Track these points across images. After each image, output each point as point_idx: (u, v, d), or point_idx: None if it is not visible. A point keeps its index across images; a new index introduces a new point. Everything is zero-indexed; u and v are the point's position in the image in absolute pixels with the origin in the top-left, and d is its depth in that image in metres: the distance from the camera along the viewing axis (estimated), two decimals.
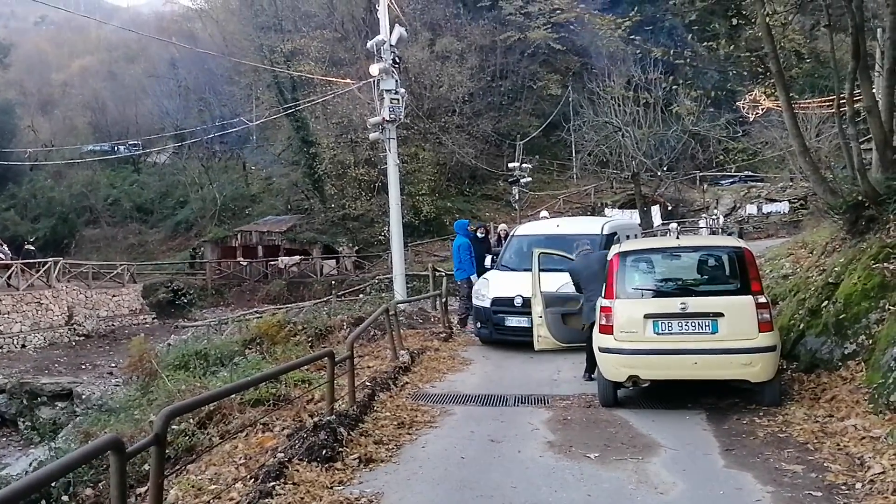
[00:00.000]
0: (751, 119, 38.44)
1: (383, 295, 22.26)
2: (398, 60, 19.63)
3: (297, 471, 6.10)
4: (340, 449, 6.76)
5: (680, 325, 7.87)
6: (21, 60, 66.52)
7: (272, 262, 40.52)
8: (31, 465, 12.46)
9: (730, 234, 27.32)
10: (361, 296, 26.52)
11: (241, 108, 47.74)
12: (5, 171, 45.66)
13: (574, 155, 47.86)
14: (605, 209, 40.98)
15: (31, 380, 22.11)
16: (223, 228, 45.34)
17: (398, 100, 19.15)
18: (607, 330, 8.18)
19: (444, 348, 12.69)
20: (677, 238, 9.10)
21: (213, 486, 6.17)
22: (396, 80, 19.25)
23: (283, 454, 6.51)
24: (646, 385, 8.23)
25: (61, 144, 50.63)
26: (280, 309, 23.18)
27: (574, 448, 6.90)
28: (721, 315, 7.76)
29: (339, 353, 8.33)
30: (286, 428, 7.46)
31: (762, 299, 7.83)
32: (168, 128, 50.91)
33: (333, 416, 7.35)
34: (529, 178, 39.18)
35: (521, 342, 12.07)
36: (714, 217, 38.61)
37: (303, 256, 40.97)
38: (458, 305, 15.70)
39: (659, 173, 37.58)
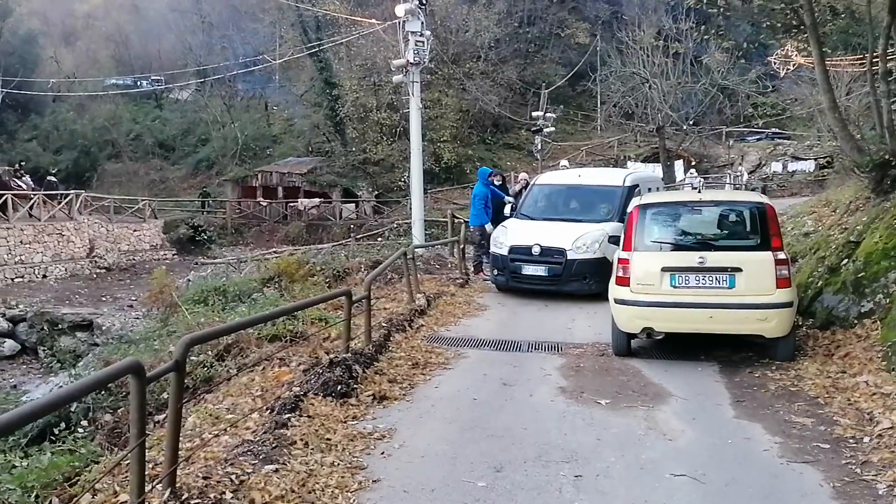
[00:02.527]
0: (781, 75, 37.64)
1: (402, 240, 22.38)
2: (424, 2, 19.37)
3: (313, 404, 6.22)
4: (355, 386, 6.88)
5: (697, 278, 7.86)
6: None
7: (292, 204, 40.58)
8: (51, 391, 12.74)
9: (753, 191, 27.01)
10: (380, 240, 26.73)
11: (265, 47, 47.31)
12: (28, 102, 45.56)
13: (599, 106, 47.23)
14: (628, 162, 40.55)
15: (52, 309, 22.37)
16: (244, 168, 45.30)
17: (423, 42, 18.99)
18: (624, 282, 8.18)
19: (459, 294, 12.79)
20: (699, 192, 8.98)
21: (229, 416, 6.30)
22: (422, 22, 19.05)
23: (298, 388, 6.63)
24: (659, 337, 8.26)
25: (84, 77, 50.39)
26: (298, 250, 23.36)
27: (585, 394, 6.98)
28: (739, 270, 7.73)
29: (357, 293, 8.40)
30: (302, 363, 7.56)
31: (782, 255, 7.80)
32: (191, 64, 50.58)
33: (349, 354, 7.47)
34: (553, 128, 38.72)
35: (536, 290, 12.20)
36: (738, 174, 38.11)
37: (322, 199, 41.02)
38: (472, 253, 15.75)
39: (685, 127, 37.04)
